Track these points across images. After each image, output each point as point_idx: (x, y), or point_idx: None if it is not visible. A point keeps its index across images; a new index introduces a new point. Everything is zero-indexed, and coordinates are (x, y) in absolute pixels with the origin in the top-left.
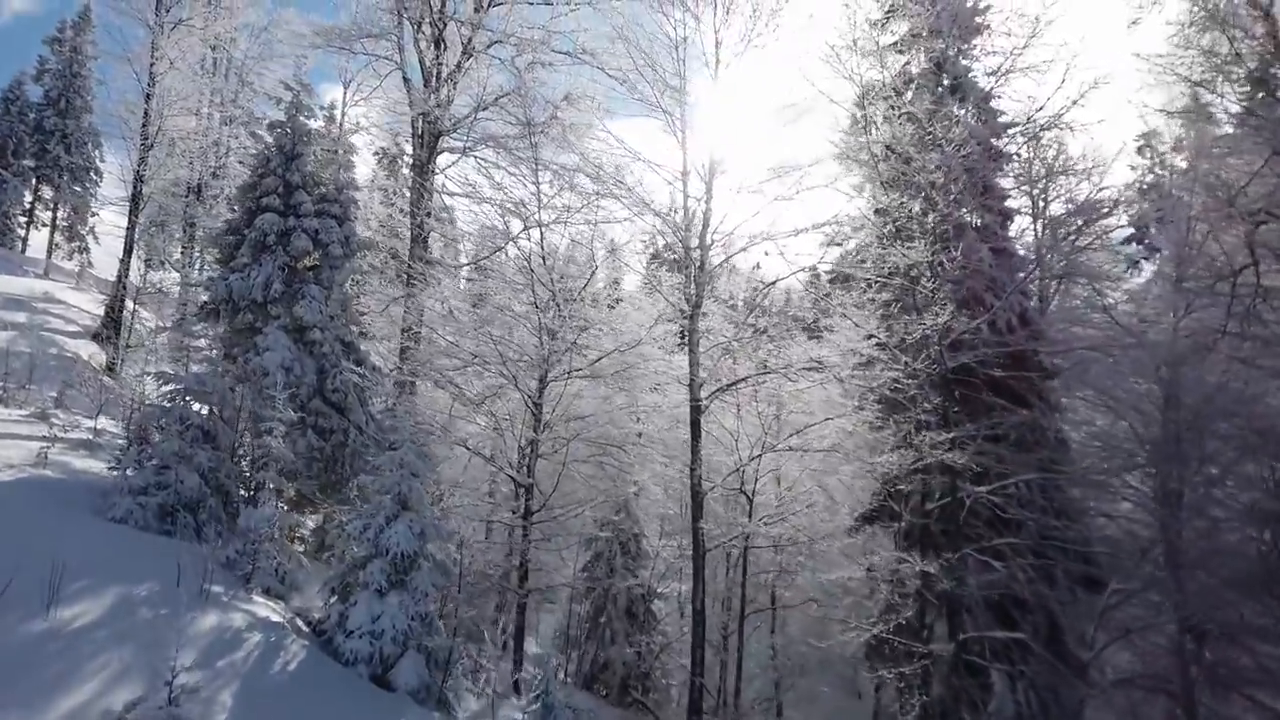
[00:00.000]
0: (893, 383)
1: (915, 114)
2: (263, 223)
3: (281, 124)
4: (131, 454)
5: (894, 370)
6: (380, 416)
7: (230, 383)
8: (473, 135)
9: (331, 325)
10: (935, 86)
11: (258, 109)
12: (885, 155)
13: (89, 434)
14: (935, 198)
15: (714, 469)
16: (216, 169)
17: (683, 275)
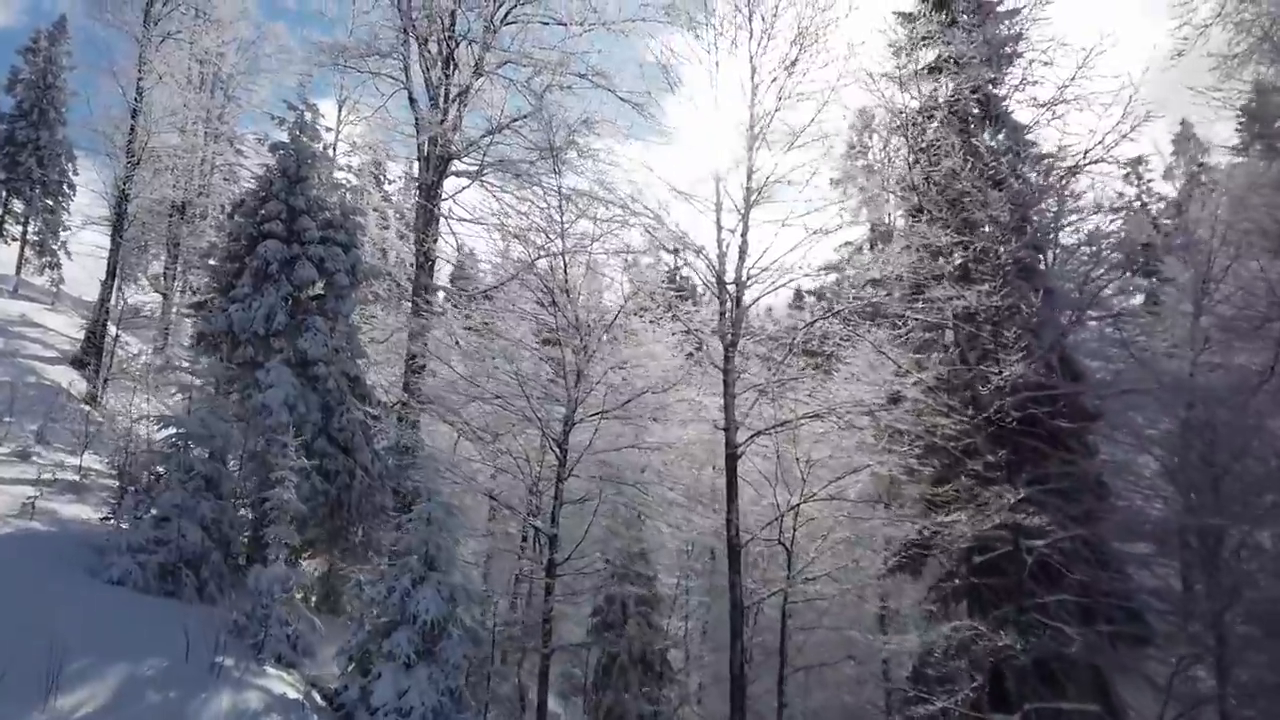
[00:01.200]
0: (938, 428)
1: (959, 146)
2: (265, 250)
3: (285, 145)
4: (128, 504)
5: (938, 415)
6: (385, 454)
7: (232, 423)
8: (484, 159)
9: (337, 359)
10: (966, 116)
11: (242, 125)
12: (924, 188)
13: (75, 473)
14: (1002, 236)
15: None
16: (202, 187)
17: (717, 311)
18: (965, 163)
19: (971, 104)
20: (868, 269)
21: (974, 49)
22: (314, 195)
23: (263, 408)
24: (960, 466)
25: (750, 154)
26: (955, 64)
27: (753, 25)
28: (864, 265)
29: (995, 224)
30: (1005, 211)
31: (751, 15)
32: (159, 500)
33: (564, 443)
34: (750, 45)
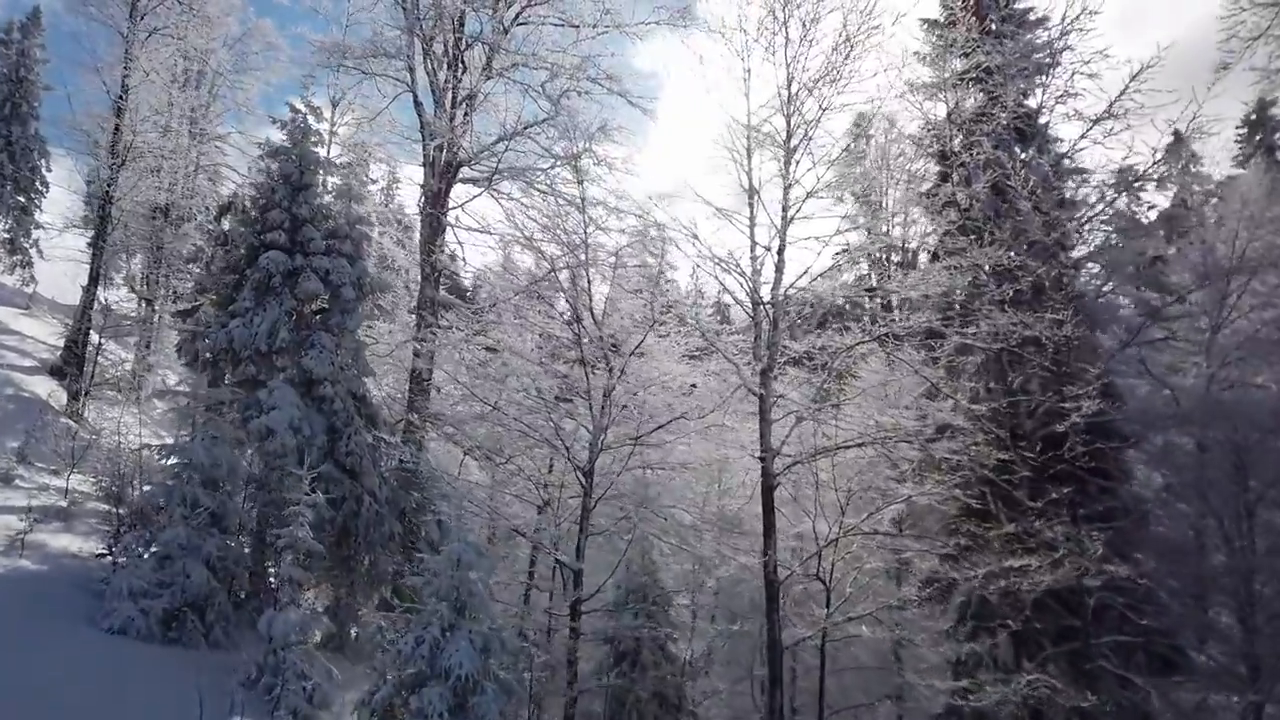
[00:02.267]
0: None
1: (1006, 161)
2: (267, 261)
3: (287, 150)
4: (126, 541)
5: (988, 446)
6: (390, 476)
7: (235, 449)
8: (499, 165)
9: (342, 377)
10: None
11: (226, 124)
12: (968, 204)
13: (61, 496)
14: (1063, 259)
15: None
16: (185, 189)
17: (752, 333)
18: (1022, 181)
19: (1004, 116)
20: (912, 288)
21: (1007, 58)
22: (318, 203)
23: (267, 432)
24: (1013, 503)
25: (788, 166)
26: (990, 74)
27: (789, 31)
28: (908, 285)
29: (1045, 245)
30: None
31: (788, 20)
32: (161, 537)
33: (590, 470)
34: (787, 51)
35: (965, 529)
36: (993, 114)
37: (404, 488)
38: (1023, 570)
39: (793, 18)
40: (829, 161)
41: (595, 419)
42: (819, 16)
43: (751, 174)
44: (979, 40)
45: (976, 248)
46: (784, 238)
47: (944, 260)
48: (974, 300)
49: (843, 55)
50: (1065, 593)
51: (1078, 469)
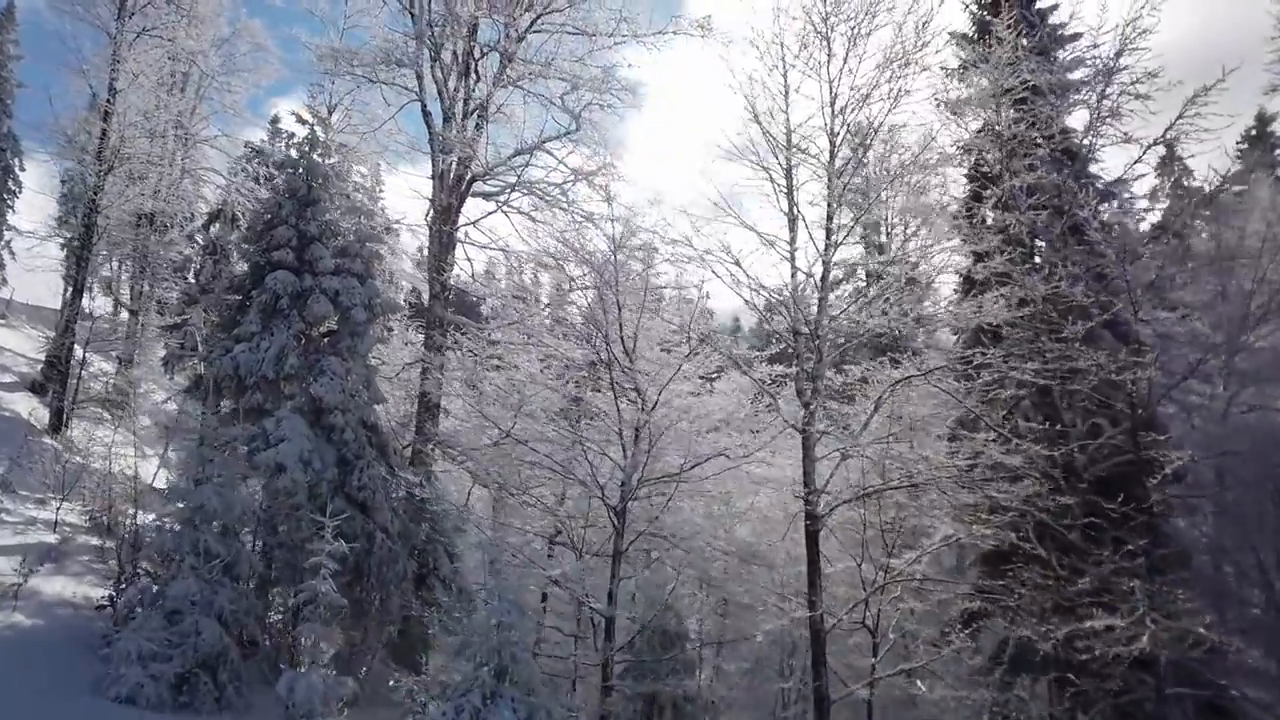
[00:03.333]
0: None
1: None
2: (275, 283)
3: (294, 163)
4: (131, 595)
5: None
6: (399, 507)
7: (243, 485)
8: (519, 180)
9: (353, 405)
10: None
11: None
12: (1017, 228)
13: (50, 530)
14: (1137, 293)
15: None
16: (170, 194)
17: (795, 366)
18: (1093, 208)
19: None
20: (965, 319)
21: (1055, 75)
22: (327, 219)
23: (276, 467)
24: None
25: (832, 188)
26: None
27: (832, 46)
28: (962, 316)
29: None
30: (1121, 262)
31: (831, 35)
32: (170, 591)
33: (623, 510)
34: (829, 68)
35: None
36: (1031, 134)
37: (414, 520)
38: (1110, 631)
39: (836, 32)
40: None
41: (629, 455)
42: (868, 31)
43: (794, 195)
44: (1022, 57)
45: (1031, 276)
46: (828, 265)
47: (997, 290)
48: (1025, 330)
49: (894, 72)
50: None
51: (1132, 510)
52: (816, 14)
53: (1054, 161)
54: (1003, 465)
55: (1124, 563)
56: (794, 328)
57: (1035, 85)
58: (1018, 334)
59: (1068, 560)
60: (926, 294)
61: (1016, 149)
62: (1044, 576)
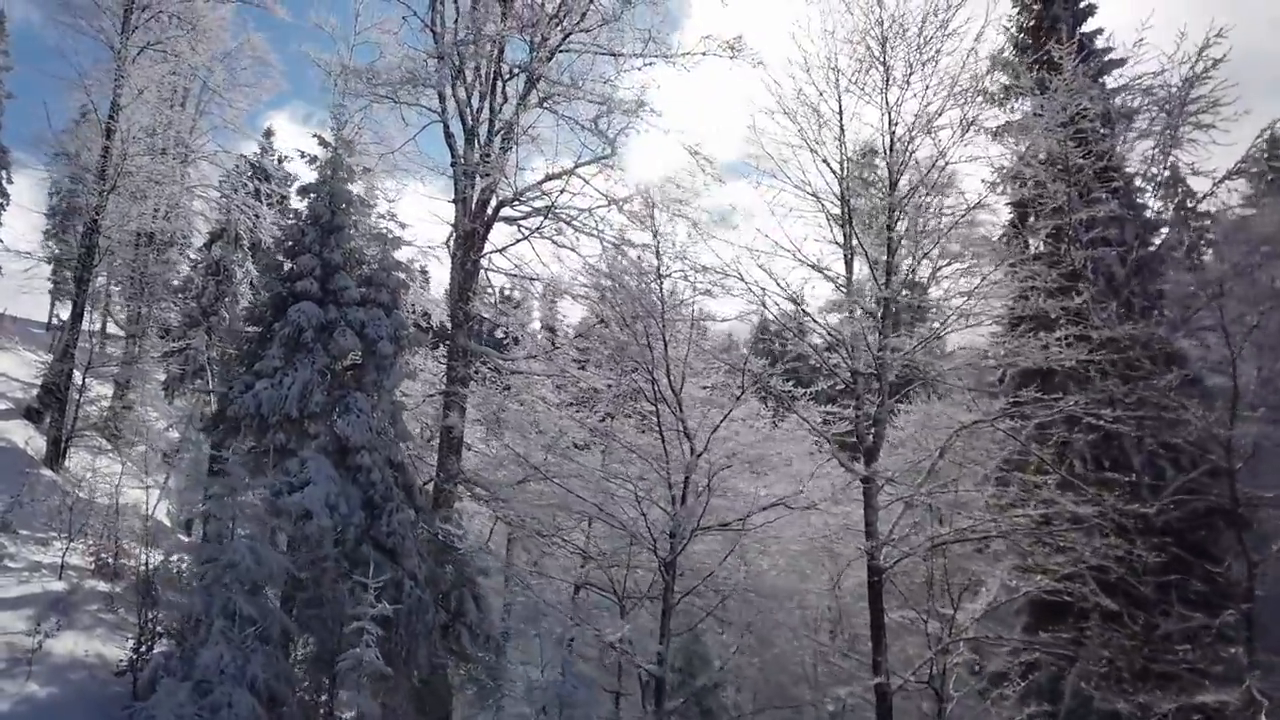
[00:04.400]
0: (1108, 550)
1: (1153, 221)
2: (299, 314)
3: (317, 188)
4: (156, 662)
5: (1110, 533)
6: (425, 550)
7: (267, 528)
8: (541, 205)
9: (380, 444)
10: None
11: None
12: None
13: (55, 575)
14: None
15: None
16: (171, 212)
17: (851, 406)
18: (1183, 244)
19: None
20: (1032, 359)
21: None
22: (351, 247)
23: (303, 513)
24: (1138, 600)
25: (893, 217)
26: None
27: (890, 70)
28: (1028, 355)
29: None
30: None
31: (888, 59)
32: (199, 659)
33: (673, 562)
34: (888, 94)
35: (1091, 630)
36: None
37: (438, 562)
38: (1221, 709)
39: (895, 56)
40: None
41: (677, 502)
42: (934, 53)
43: (851, 226)
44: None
45: (1110, 316)
46: (889, 302)
47: (1065, 328)
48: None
49: (965, 99)
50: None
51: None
52: (873, 38)
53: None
54: (1075, 515)
55: (1210, 622)
56: (853, 368)
57: (1094, 114)
58: (1074, 374)
59: (1141, 616)
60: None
61: (1079, 180)
62: (1118, 633)
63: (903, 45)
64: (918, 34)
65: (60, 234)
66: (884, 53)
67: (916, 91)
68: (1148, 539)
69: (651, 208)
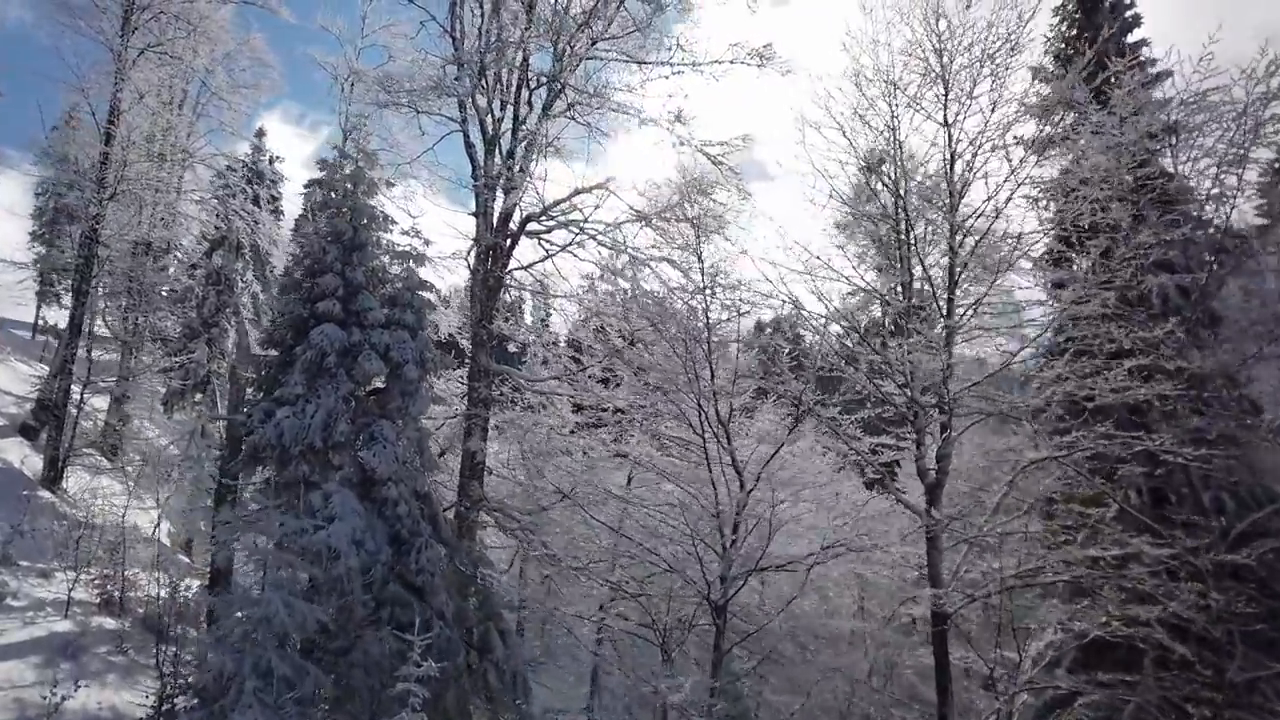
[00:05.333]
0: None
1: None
2: (322, 338)
3: (338, 203)
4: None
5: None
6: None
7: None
8: (586, 222)
9: (406, 474)
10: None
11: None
12: (1159, 292)
13: (60, 613)
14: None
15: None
16: (169, 219)
17: (910, 438)
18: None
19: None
20: (1108, 396)
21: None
22: (375, 265)
23: (330, 552)
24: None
25: (958, 244)
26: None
27: (949, 81)
28: (1105, 390)
29: None
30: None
31: (948, 74)
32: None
33: (724, 605)
34: (949, 110)
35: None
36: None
37: (461, 593)
38: None
39: (957, 70)
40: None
41: (728, 541)
42: (995, 72)
43: (909, 246)
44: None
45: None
46: (953, 330)
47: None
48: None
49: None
50: None
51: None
52: (929, 49)
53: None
54: (1153, 558)
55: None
56: (913, 397)
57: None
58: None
59: (1212, 661)
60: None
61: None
62: (1185, 678)
63: (964, 58)
64: (982, 49)
65: (48, 237)
66: (943, 66)
67: (982, 106)
68: (1219, 581)
69: (698, 230)
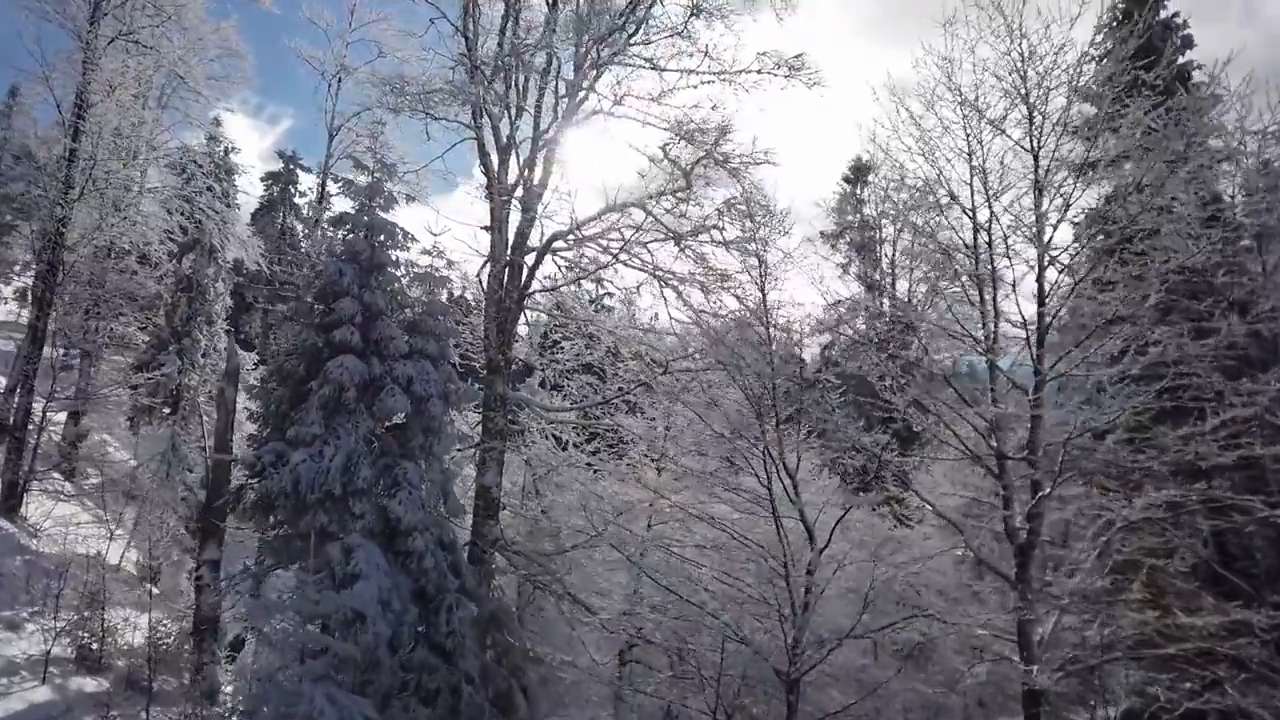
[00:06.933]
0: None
1: None
2: (340, 371)
3: (354, 218)
4: None
5: None
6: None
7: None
8: (626, 242)
9: (432, 523)
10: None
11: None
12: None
13: (37, 675)
14: None
15: None
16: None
17: (1000, 497)
18: None
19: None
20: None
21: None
22: (395, 288)
23: (354, 617)
24: None
25: (1043, 281)
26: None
27: (1030, 97)
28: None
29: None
30: None
31: (1030, 94)
32: None
33: (796, 681)
34: (1033, 135)
35: None
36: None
37: (481, 644)
38: None
39: (1039, 90)
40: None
41: (795, 607)
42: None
43: (995, 286)
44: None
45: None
46: (1042, 373)
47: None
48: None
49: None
50: None
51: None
52: (1009, 68)
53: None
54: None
55: None
56: (1001, 451)
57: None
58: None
59: None
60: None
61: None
62: None
63: (1053, 79)
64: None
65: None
66: (1025, 85)
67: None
68: None
69: (763, 262)
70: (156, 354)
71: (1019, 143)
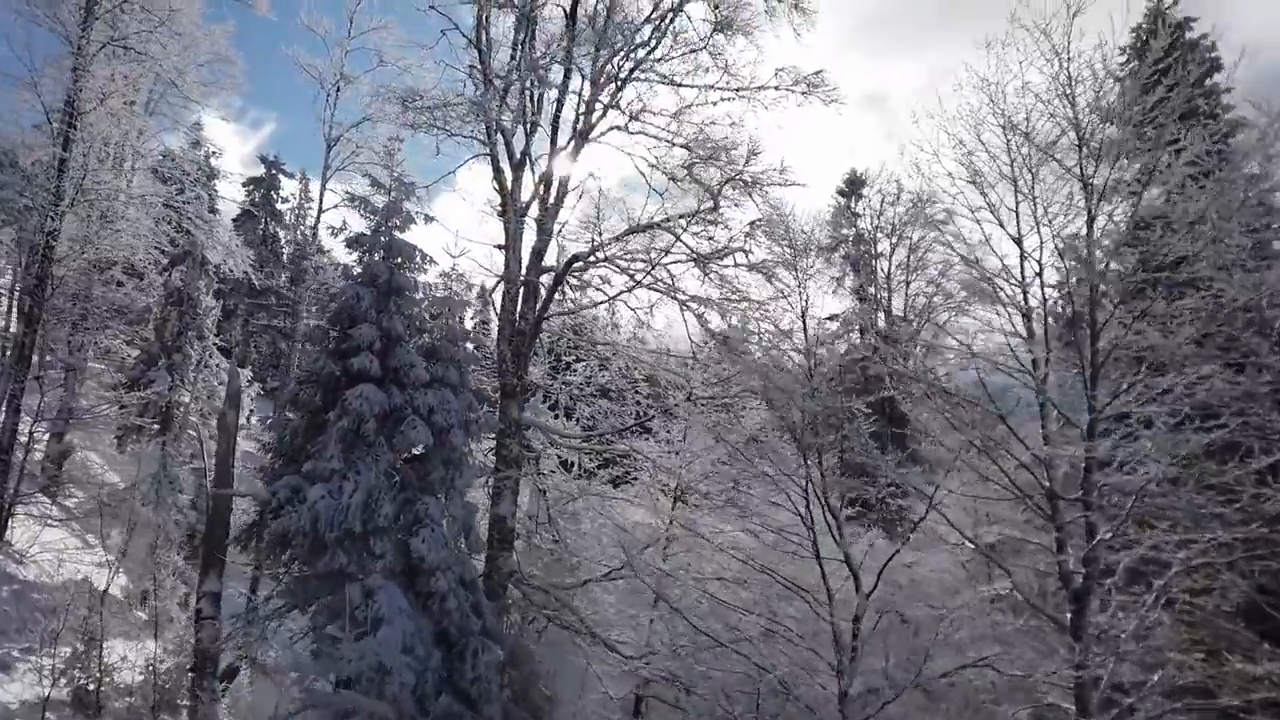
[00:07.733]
0: None
1: None
2: (359, 403)
3: (371, 239)
4: None
5: None
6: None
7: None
8: (655, 262)
9: (454, 561)
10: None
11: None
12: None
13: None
14: None
15: None
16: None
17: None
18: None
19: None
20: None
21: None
22: (414, 313)
23: (379, 668)
24: None
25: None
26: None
27: (1079, 119)
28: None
29: None
30: None
31: (1081, 120)
32: None
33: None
34: (1084, 163)
35: None
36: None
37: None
38: None
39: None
40: None
41: (846, 655)
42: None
43: (1045, 320)
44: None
45: None
46: (1096, 417)
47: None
48: None
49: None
50: None
51: None
52: (1058, 92)
53: None
54: None
55: None
56: (1052, 491)
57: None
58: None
59: None
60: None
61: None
62: None
63: (1101, 110)
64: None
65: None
66: (1075, 113)
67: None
68: None
69: (803, 285)
70: (146, 370)
71: (1069, 170)
